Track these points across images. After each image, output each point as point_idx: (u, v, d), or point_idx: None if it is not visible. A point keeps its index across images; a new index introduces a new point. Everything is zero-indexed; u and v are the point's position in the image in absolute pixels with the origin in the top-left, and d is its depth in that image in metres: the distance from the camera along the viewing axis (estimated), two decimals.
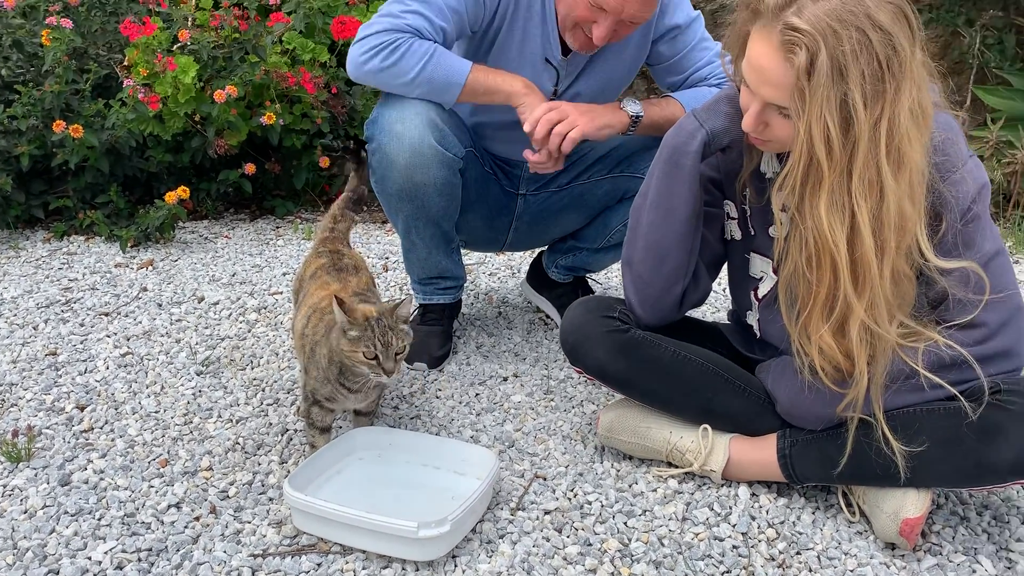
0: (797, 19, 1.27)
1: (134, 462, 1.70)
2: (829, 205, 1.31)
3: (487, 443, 1.79)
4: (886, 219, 1.31)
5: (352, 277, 1.73)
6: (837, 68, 1.25)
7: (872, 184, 1.30)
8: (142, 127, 3.00)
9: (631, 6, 1.72)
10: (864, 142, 1.28)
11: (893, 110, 1.28)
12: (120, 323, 2.33)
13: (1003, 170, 3.26)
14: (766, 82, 1.33)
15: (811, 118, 1.28)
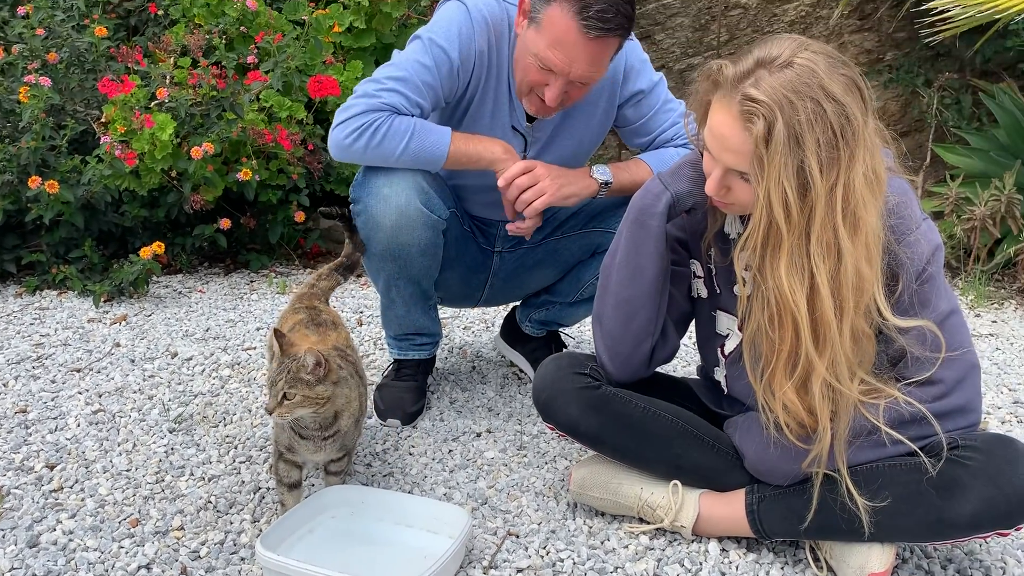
0: (755, 90, 1.33)
1: (104, 522, 1.68)
2: (789, 266, 1.36)
3: (460, 500, 1.79)
4: (844, 280, 1.36)
5: (331, 332, 1.75)
6: (793, 137, 1.31)
7: (830, 247, 1.35)
8: (118, 183, 3.02)
9: (578, 66, 1.77)
10: (821, 207, 1.33)
11: (848, 176, 1.33)
12: (92, 379, 2.33)
13: (963, 226, 3.35)
14: (727, 149, 1.39)
15: (769, 184, 1.33)
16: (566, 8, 1.72)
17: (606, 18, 1.71)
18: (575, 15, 1.71)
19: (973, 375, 1.46)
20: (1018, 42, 3.91)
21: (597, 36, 1.73)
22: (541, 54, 1.77)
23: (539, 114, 1.92)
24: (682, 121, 2.02)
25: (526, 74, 1.85)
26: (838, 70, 1.34)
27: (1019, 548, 1.66)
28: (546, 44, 1.76)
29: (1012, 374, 2.54)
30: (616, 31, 1.75)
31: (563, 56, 1.75)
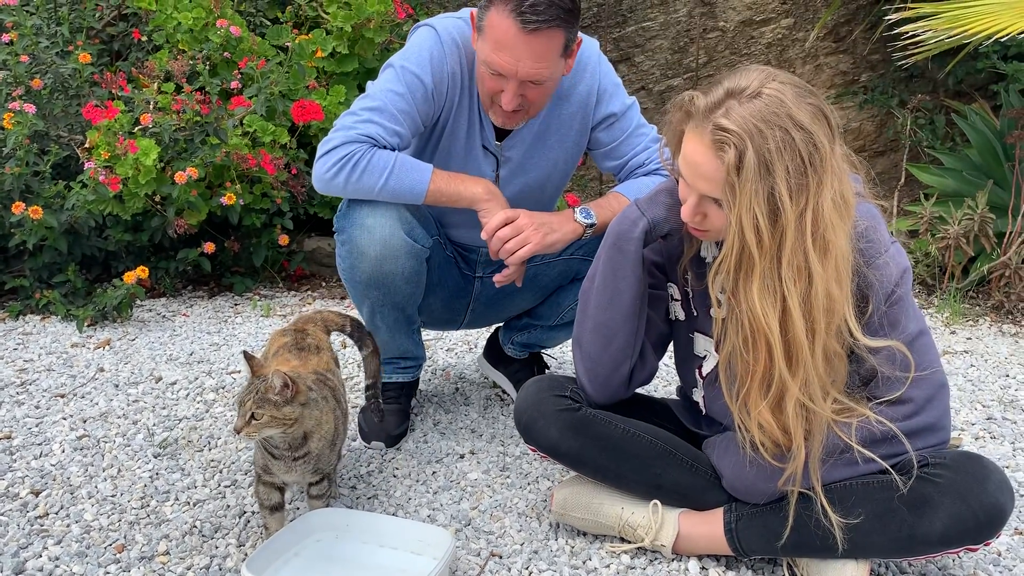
0: (725, 120, 1.37)
1: (90, 548, 1.69)
2: (761, 290, 1.40)
3: (444, 522, 1.81)
4: (815, 302, 1.40)
5: (313, 357, 1.77)
6: (763, 164, 1.35)
7: (800, 270, 1.39)
8: (102, 207, 3.04)
9: (524, 64, 1.79)
10: (791, 232, 1.37)
11: (816, 201, 1.37)
12: (76, 405, 2.33)
13: (937, 244, 3.42)
14: (700, 176, 1.43)
15: (741, 210, 1.37)
16: (502, 8, 1.76)
17: (539, 10, 1.74)
18: (511, 12, 1.75)
19: (942, 394, 1.51)
20: (988, 64, 4.00)
21: (535, 29, 1.75)
22: (488, 59, 1.81)
23: (505, 124, 1.94)
24: (654, 146, 2.06)
25: (483, 84, 1.88)
26: (805, 99, 1.39)
27: (991, 563, 1.69)
28: (490, 48, 1.79)
29: (986, 391, 2.59)
30: (553, 22, 1.76)
31: (507, 56, 1.78)
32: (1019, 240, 3.32)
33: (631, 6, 4.43)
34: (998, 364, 2.82)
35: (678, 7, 4.41)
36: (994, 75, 4.10)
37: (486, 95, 1.90)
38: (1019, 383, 2.65)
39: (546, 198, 2.10)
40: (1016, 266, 3.31)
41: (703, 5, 4.41)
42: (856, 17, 4.38)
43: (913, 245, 3.50)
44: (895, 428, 1.47)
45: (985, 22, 3.12)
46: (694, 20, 4.42)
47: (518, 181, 2.05)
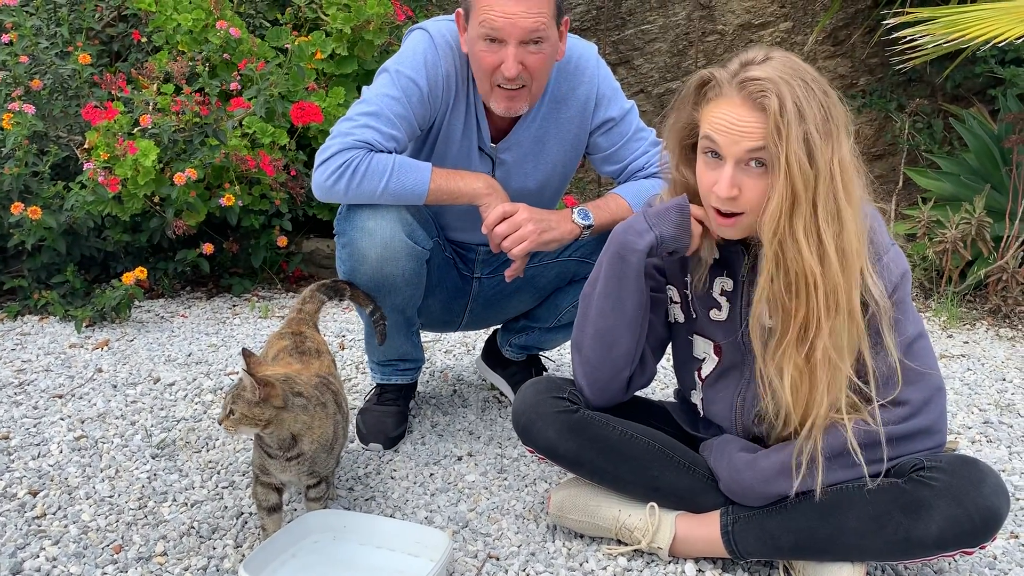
0: (759, 72, 1.42)
1: (87, 548, 1.69)
2: (805, 234, 1.42)
3: (441, 524, 1.82)
4: (848, 247, 1.43)
5: (315, 361, 1.77)
6: (798, 109, 1.40)
7: (833, 215, 1.42)
8: (101, 208, 3.04)
9: (519, 18, 1.77)
10: (824, 176, 1.41)
11: (840, 150, 1.43)
12: (74, 405, 2.33)
13: (935, 248, 3.43)
14: (742, 134, 1.43)
15: (789, 151, 1.40)
16: None
17: None
18: None
19: (939, 397, 1.51)
20: (986, 68, 4.01)
21: None
22: (484, 23, 1.79)
23: (509, 110, 1.91)
24: (653, 149, 2.07)
25: (480, 65, 1.86)
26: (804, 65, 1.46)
27: (986, 566, 1.70)
28: (483, 13, 1.79)
29: (983, 394, 2.59)
30: None
31: (500, 13, 1.77)
32: (1016, 244, 3.33)
33: (630, 9, 4.44)
34: (995, 368, 2.82)
35: (677, 10, 4.42)
36: (992, 80, 4.11)
37: (486, 77, 1.87)
38: (1015, 387, 2.66)
39: (544, 202, 2.10)
40: (1013, 270, 3.32)
41: (702, 8, 4.42)
42: (854, 21, 4.39)
43: (911, 249, 3.51)
44: (891, 431, 1.47)
45: (983, 27, 3.13)
46: (693, 23, 4.43)
47: (514, 184, 2.05)
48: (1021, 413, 2.45)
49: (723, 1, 4.40)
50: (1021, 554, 1.74)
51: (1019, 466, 2.13)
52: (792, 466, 1.52)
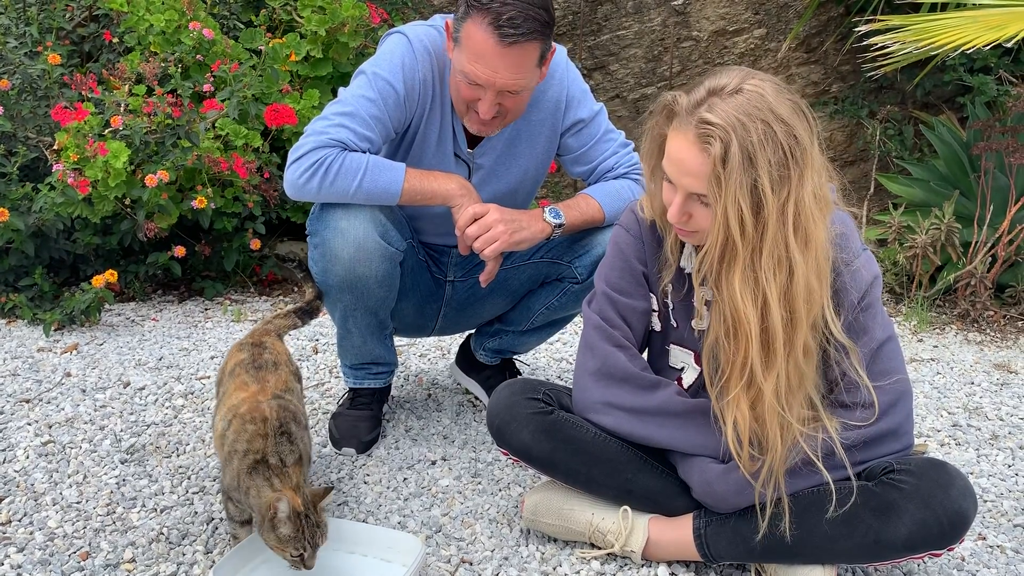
0: (710, 115, 1.39)
1: (53, 555, 1.67)
2: (742, 280, 1.41)
3: (414, 528, 1.81)
4: (796, 292, 1.42)
5: (271, 375, 1.71)
6: (747, 156, 1.37)
7: (781, 261, 1.41)
8: (70, 210, 3.00)
9: (502, 76, 1.81)
10: (773, 222, 1.39)
11: (798, 193, 1.40)
12: (42, 410, 2.30)
13: (905, 253, 3.47)
14: (686, 173, 1.44)
15: (727, 202, 1.39)
16: (479, 21, 1.77)
17: (517, 24, 1.76)
18: (489, 26, 1.77)
19: (905, 400, 1.53)
20: (955, 76, 4.07)
21: (513, 43, 1.77)
22: (466, 70, 1.82)
23: (481, 132, 1.95)
24: (623, 150, 2.09)
25: (459, 92, 1.89)
26: (784, 95, 1.42)
27: (954, 567, 1.72)
28: (467, 59, 1.81)
29: (951, 398, 2.63)
30: (531, 35, 1.79)
31: (485, 68, 1.80)
32: (985, 250, 3.38)
33: (606, 15, 4.46)
34: (963, 372, 2.86)
35: (652, 16, 4.44)
36: (961, 87, 4.17)
37: (462, 103, 1.91)
38: (983, 391, 2.69)
39: (517, 205, 2.10)
40: (982, 275, 3.37)
41: (677, 15, 4.45)
42: (827, 28, 4.44)
43: (882, 254, 3.55)
44: (860, 433, 1.49)
45: (951, 35, 3.17)
46: (668, 29, 4.45)
47: (489, 188, 2.05)
48: (989, 416, 2.49)
49: (698, 8, 4.43)
50: (988, 555, 1.77)
51: (987, 468, 2.15)
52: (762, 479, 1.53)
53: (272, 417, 1.59)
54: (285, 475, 1.55)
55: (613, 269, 1.70)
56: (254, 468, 1.54)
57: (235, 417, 1.60)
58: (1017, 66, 4.10)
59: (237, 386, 1.66)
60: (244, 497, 1.55)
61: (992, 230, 3.41)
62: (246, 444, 1.56)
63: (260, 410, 1.59)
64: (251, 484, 1.53)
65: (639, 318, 1.71)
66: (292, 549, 1.48)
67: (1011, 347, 3.15)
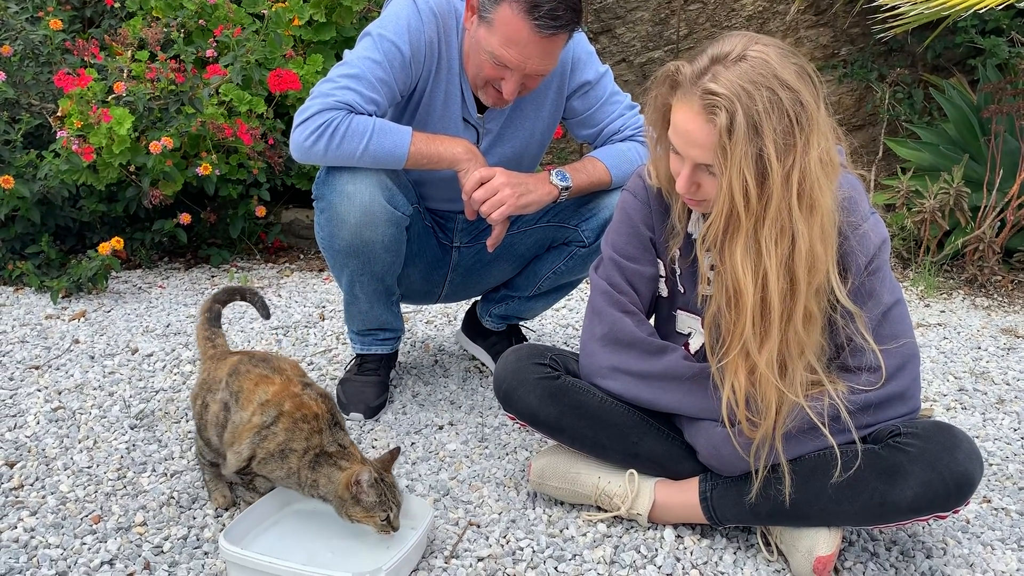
0: (714, 85, 1.37)
1: (66, 519, 1.69)
2: (744, 251, 1.41)
3: (422, 492, 1.82)
4: (798, 261, 1.41)
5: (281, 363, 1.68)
6: (752, 125, 1.35)
7: (784, 230, 1.40)
8: (75, 177, 2.99)
9: (532, 62, 1.81)
10: (778, 191, 1.38)
11: (804, 160, 1.38)
12: (51, 376, 2.31)
13: (913, 218, 3.44)
14: (692, 144, 1.42)
15: (732, 173, 1.37)
16: (516, 8, 1.76)
17: (556, 15, 1.76)
18: (526, 15, 1.75)
19: (912, 364, 1.53)
20: (966, 38, 4.01)
21: (549, 34, 1.77)
22: (496, 52, 1.81)
23: (496, 105, 1.95)
24: (629, 112, 2.08)
25: (481, 69, 1.88)
26: (789, 59, 1.39)
27: (959, 530, 1.73)
28: (499, 43, 1.79)
29: (958, 363, 2.62)
30: (567, 27, 1.79)
31: (517, 54, 1.79)
32: (993, 214, 3.35)
33: None
34: (970, 337, 2.85)
35: None
36: (972, 50, 4.11)
37: (481, 79, 1.89)
38: (990, 355, 2.69)
39: (523, 169, 2.09)
40: (990, 240, 3.35)
41: None
42: None
43: (890, 219, 3.53)
44: (866, 397, 1.49)
45: None
46: None
47: (496, 152, 2.05)
48: (995, 381, 2.49)
49: None
50: (993, 518, 1.77)
51: (992, 432, 2.16)
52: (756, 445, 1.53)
53: (322, 411, 1.60)
54: (348, 455, 1.58)
55: (620, 235, 1.70)
56: (316, 462, 1.57)
57: (281, 415, 1.58)
58: None
59: (257, 380, 1.63)
60: (310, 489, 1.58)
61: (1001, 194, 3.39)
62: (304, 443, 1.57)
63: (308, 407, 1.59)
64: (318, 475, 1.57)
65: (646, 284, 1.70)
66: (380, 512, 1.52)
67: (1018, 312, 3.14)
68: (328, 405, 1.63)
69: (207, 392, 1.67)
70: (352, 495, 1.53)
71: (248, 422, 1.59)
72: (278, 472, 1.60)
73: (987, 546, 1.68)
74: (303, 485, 1.58)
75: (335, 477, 1.55)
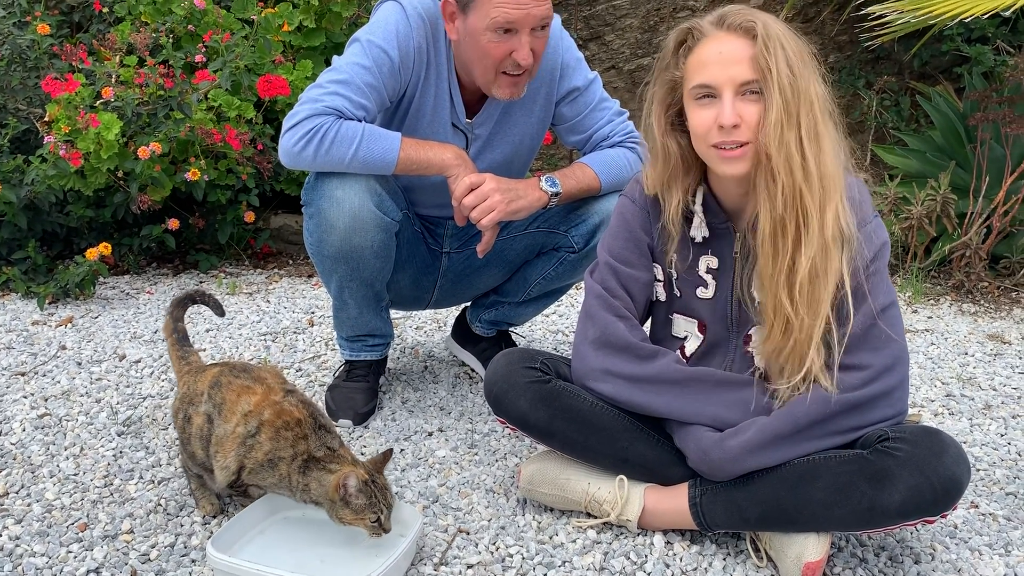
0: (734, 9, 1.51)
1: (51, 527, 1.67)
2: (797, 145, 1.46)
3: (412, 499, 1.82)
4: (825, 170, 1.47)
5: (263, 373, 1.67)
6: (777, 39, 1.46)
7: (814, 136, 1.47)
8: (63, 183, 2.98)
9: (533, 6, 1.80)
10: (805, 98, 1.46)
11: (816, 84, 1.48)
12: (37, 383, 2.30)
13: (901, 225, 3.46)
14: (733, 62, 1.48)
15: (778, 67, 1.45)
16: None
17: None
18: None
19: (900, 366, 1.54)
20: (952, 46, 4.05)
21: None
22: (494, 15, 1.79)
23: (512, 95, 1.92)
24: (617, 119, 2.09)
25: (488, 56, 1.85)
26: None
27: (947, 535, 1.73)
28: (495, 7, 1.79)
29: (945, 368, 2.64)
30: None
31: (515, 4, 1.78)
32: (980, 221, 3.37)
33: None
34: (957, 342, 2.87)
35: None
36: (958, 58, 4.14)
37: (491, 67, 1.87)
38: (977, 361, 2.70)
39: (513, 175, 2.09)
40: (976, 247, 3.37)
41: None
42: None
43: None
44: (853, 396, 1.50)
45: (949, 4, 3.15)
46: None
47: (485, 158, 2.05)
48: (982, 386, 2.50)
49: None
50: (981, 523, 1.78)
51: (980, 437, 2.17)
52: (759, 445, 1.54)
53: (304, 416, 1.59)
54: (339, 457, 1.58)
55: (617, 239, 1.70)
56: (305, 467, 1.56)
57: (262, 424, 1.57)
58: (1015, 36, 4.08)
59: (239, 391, 1.61)
60: (301, 494, 1.57)
61: (988, 201, 3.41)
62: (291, 449, 1.56)
63: (289, 413, 1.58)
64: (309, 480, 1.56)
65: (641, 289, 1.71)
66: (370, 515, 1.52)
67: (1004, 318, 3.16)
68: (310, 410, 1.62)
69: (189, 405, 1.66)
70: (341, 497, 1.52)
71: (232, 433, 1.58)
72: (270, 480, 1.59)
73: (975, 551, 1.69)
74: (295, 491, 1.58)
75: (325, 480, 1.54)
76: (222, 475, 1.60)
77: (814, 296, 1.50)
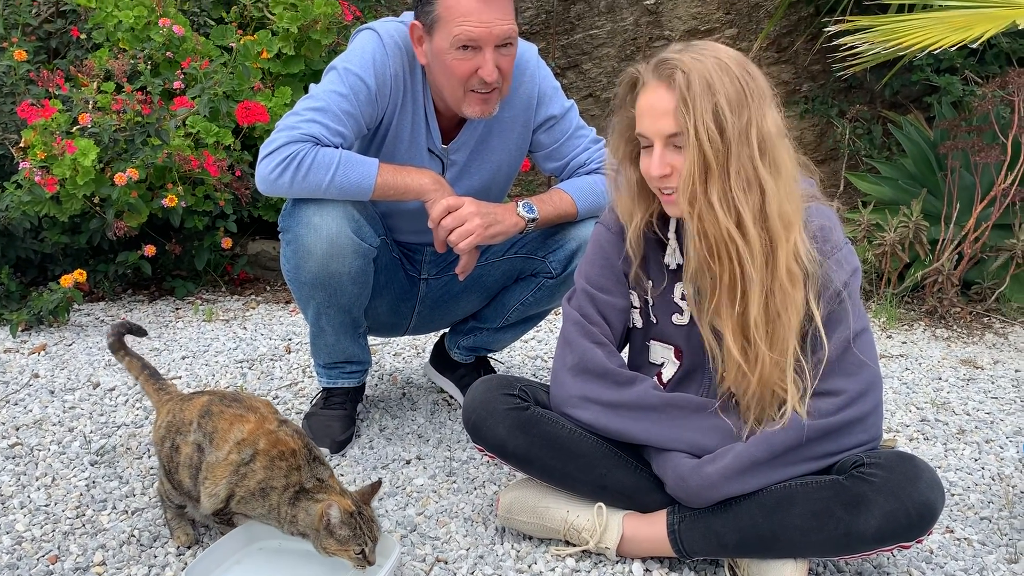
0: (670, 56, 1.50)
1: (21, 559, 1.64)
2: (720, 198, 1.46)
3: (389, 528, 1.80)
4: (771, 214, 1.48)
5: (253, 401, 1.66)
6: (706, 83, 1.45)
7: (751, 182, 1.47)
8: (37, 208, 2.96)
9: (496, 25, 1.81)
10: (735, 143, 1.45)
11: (759, 121, 1.47)
12: (9, 412, 2.26)
13: (874, 251, 3.51)
14: (658, 115, 1.49)
15: (696, 122, 1.45)
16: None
17: None
18: None
19: (874, 391, 1.55)
20: (922, 76, 4.13)
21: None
22: (456, 33, 1.81)
23: (483, 113, 1.93)
24: (594, 147, 2.11)
25: (453, 74, 1.87)
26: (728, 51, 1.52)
27: (923, 560, 1.74)
28: (456, 24, 1.81)
29: (920, 393, 2.66)
30: None
31: (476, 21, 1.80)
32: (951, 247, 3.43)
33: (579, 14, 4.47)
34: (931, 368, 2.90)
35: (625, 16, 4.46)
36: (928, 87, 4.22)
37: (458, 85, 1.88)
38: (951, 386, 2.73)
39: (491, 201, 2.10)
40: (948, 272, 3.42)
41: (649, 14, 4.47)
42: (797, 28, 4.48)
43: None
44: (827, 423, 1.52)
45: (919, 35, 3.22)
46: (641, 28, 4.47)
47: (463, 184, 2.06)
48: (956, 411, 2.53)
49: (670, 7, 4.45)
50: (956, 548, 1.79)
51: (954, 463, 2.19)
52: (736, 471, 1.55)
53: (299, 447, 1.58)
54: (327, 488, 1.57)
55: (593, 266, 1.72)
56: (295, 498, 1.55)
57: (257, 453, 1.56)
58: (982, 66, 4.17)
59: (232, 419, 1.60)
60: (289, 525, 1.56)
61: (959, 228, 3.47)
62: (284, 480, 1.55)
63: (284, 443, 1.57)
64: (297, 511, 1.54)
65: (618, 315, 1.72)
66: (354, 547, 1.50)
67: (977, 343, 3.20)
68: (304, 440, 1.61)
69: (176, 434, 1.63)
70: (325, 527, 1.51)
71: (224, 460, 1.57)
72: (259, 509, 1.57)
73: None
74: (283, 521, 1.56)
75: (312, 511, 1.53)
76: (209, 503, 1.58)
77: (776, 335, 1.51)
